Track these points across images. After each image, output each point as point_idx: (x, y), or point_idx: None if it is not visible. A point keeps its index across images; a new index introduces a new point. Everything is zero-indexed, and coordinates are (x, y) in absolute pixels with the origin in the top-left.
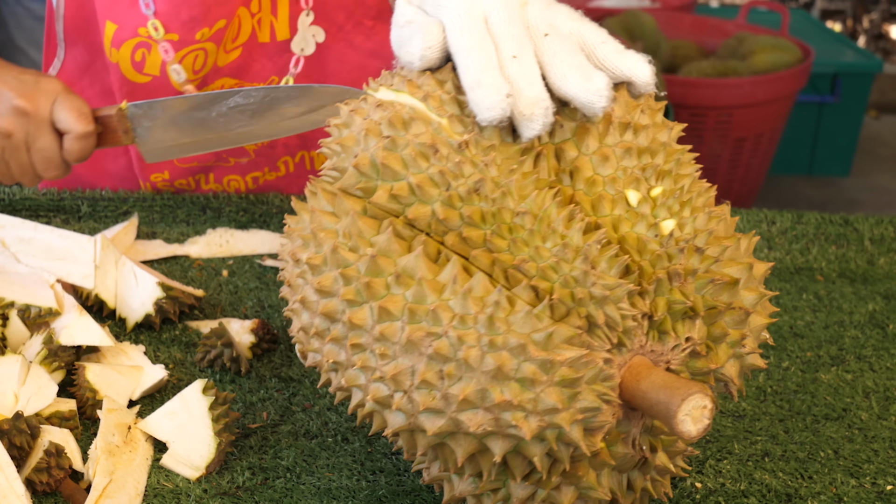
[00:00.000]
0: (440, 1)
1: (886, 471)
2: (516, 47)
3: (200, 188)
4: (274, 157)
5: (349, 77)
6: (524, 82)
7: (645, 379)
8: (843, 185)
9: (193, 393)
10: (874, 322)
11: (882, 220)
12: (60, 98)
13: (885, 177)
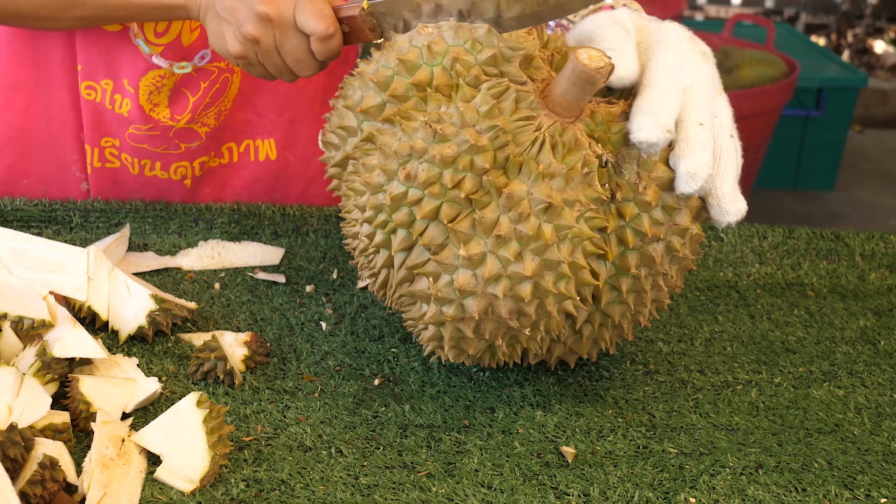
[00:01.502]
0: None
1: (880, 483)
2: (706, 119)
3: (143, 174)
4: (221, 139)
5: None
6: (700, 146)
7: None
8: (828, 199)
9: (187, 406)
10: (865, 338)
11: (873, 236)
12: (301, 1)
13: (869, 191)
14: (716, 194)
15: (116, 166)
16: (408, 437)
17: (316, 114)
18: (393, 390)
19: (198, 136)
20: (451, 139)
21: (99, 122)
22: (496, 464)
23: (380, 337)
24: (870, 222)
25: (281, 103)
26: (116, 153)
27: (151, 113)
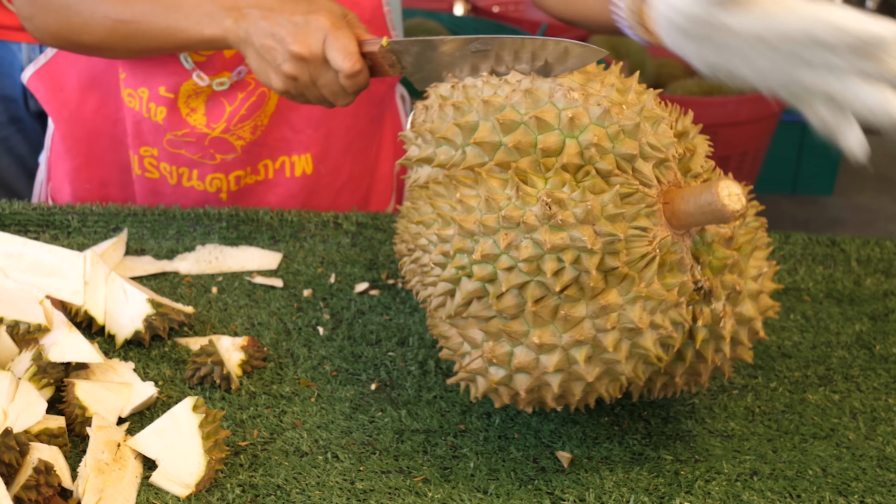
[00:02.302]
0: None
1: (874, 489)
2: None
3: (181, 184)
4: (258, 156)
5: None
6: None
7: (685, 196)
8: (827, 204)
9: (183, 410)
10: (861, 343)
11: (869, 241)
12: (329, 38)
13: (868, 195)
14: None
15: (156, 177)
16: (404, 441)
17: (348, 126)
18: (389, 395)
19: (233, 148)
20: (567, 230)
21: (139, 131)
22: (492, 469)
23: (377, 341)
24: (868, 227)
25: (317, 119)
26: (155, 163)
27: (187, 118)
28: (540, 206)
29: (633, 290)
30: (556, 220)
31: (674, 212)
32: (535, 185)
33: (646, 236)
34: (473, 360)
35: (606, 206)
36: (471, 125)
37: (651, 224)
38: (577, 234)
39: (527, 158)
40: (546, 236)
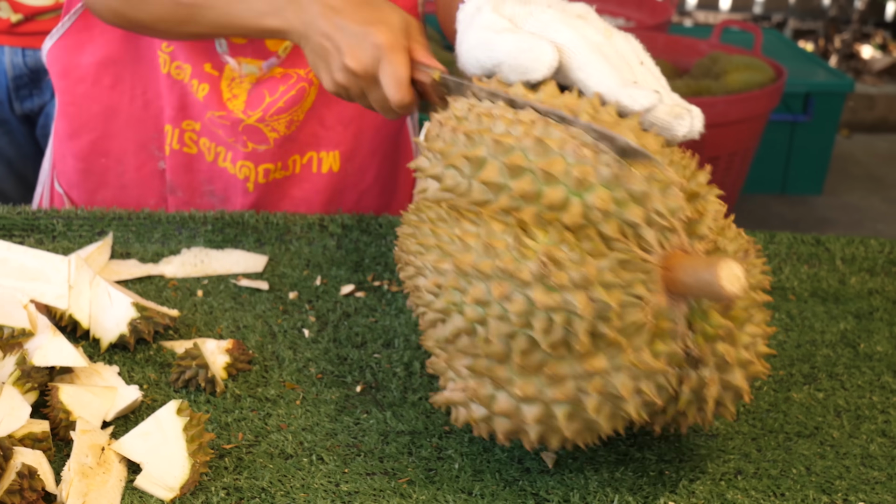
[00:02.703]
0: (549, 25)
1: (858, 487)
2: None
3: (217, 163)
4: (289, 151)
5: None
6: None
7: (686, 266)
8: (816, 204)
9: (167, 414)
10: (846, 341)
11: (853, 241)
12: (383, 62)
13: (857, 195)
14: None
15: (193, 152)
16: (389, 443)
17: (378, 127)
18: (375, 397)
19: (266, 139)
20: (560, 293)
21: (184, 104)
22: (477, 469)
23: (362, 344)
24: (857, 226)
25: (349, 117)
26: (196, 138)
27: (228, 102)
28: (537, 264)
29: (621, 357)
30: (551, 281)
31: (673, 280)
32: (535, 238)
33: (640, 304)
34: (457, 390)
35: (604, 272)
36: (479, 160)
37: (647, 292)
38: (571, 298)
39: (530, 208)
40: (539, 295)
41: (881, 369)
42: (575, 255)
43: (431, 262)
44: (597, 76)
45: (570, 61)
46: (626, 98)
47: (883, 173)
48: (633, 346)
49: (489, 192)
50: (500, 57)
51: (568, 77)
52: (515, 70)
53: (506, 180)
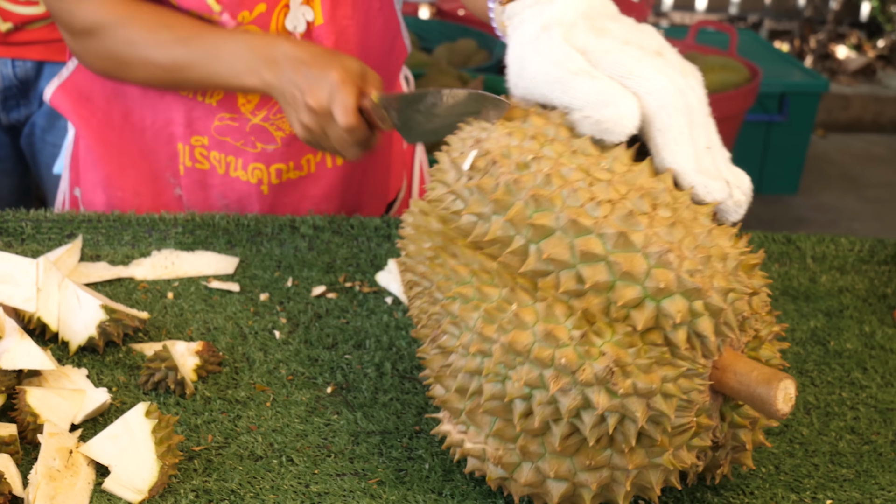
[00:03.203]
0: (630, 68)
1: (826, 485)
2: (705, 137)
3: (228, 174)
4: (300, 150)
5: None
6: (729, 175)
7: (740, 373)
8: (791, 203)
9: (136, 416)
10: (816, 338)
11: (824, 239)
12: (334, 93)
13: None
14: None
15: (206, 167)
16: (359, 444)
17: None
18: (345, 398)
19: (273, 138)
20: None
21: (191, 119)
22: (447, 470)
23: (333, 345)
24: (832, 226)
25: None
26: (206, 152)
27: (241, 108)
28: (603, 369)
29: (662, 455)
30: (615, 387)
31: (722, 382)
32: (602, 335)
33: (690, 408)
34: (476, 443)
35: (667, 383)
36: (545, 230)
37: (698, 396)
38: (630, 405)
39: (597, 300)
40: (599, 398)
41: (851, 366)
42: (642, 363)
43: (472, 323)
44: (674, 149)
45: (653, 118)
46: (701, 188)
47: (858, 173)
48: (674, 444)
49: (551, 266)
50: (575, 105)
51: (643, 131)
52: (592, 126)
53: (575, 262)
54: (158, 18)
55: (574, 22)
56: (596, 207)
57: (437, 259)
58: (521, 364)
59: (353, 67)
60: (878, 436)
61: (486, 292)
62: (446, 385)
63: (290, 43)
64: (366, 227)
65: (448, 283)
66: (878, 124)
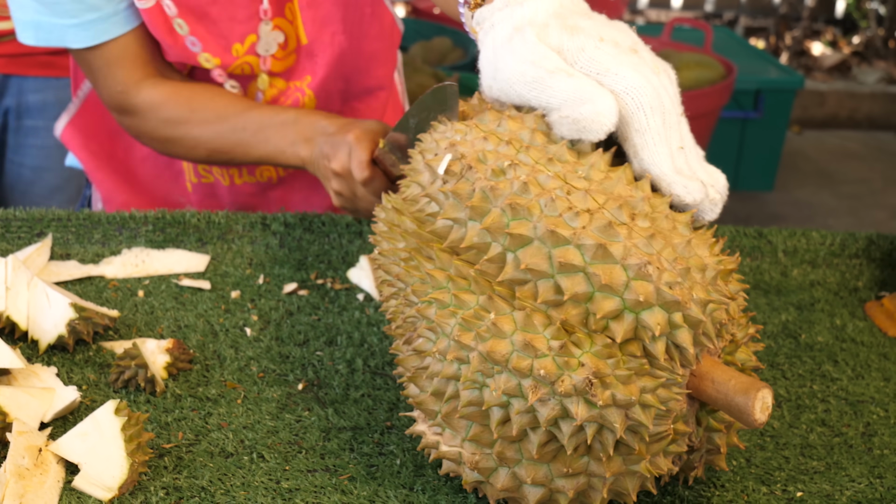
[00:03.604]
0: (606, 66)
1: (797, 477)
2: (678, 137)
3: (234, 183)
4: None
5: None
6: (703, 174)
7: (717, 382)
8: (767, 200)
9: (105, 414)
10: (787, 332)
11: (795, 233)
12: (352, 151)
13: (808, 191)
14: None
15: (211, 181)
16: (330, 440)
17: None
18: (317, 394)
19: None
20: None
21: None
22: (418, 465)
23: (305, 341)
24: (808, 222)
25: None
26: (208, 167)
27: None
28: (582, 381)
29: (639, 464)
30: (594, 398)
31: (699, 389)
32: (581, 346)
33: (668, 416)
34: (452, 446)
35: (646, 394)
36: (523, 239)
37: (676, 404)
38: (609, 416)
39: (576, 310)
40: (578, 409)
41: (822, 359)
42: (621, 374)
43: (449, 330)
44: (652, 150)
45: (631, 118)
46: (681, 188)
47: (833, 169)
48: (651, 452)
49: (529, 275)
50: (553, 103)
51: (619, 130)
52: (570, 125)
53: (553, 272)
54: (203, 96)
55: (546, 22)
56: (574, 218)
57: (411, 261)
58: (498, 373)
59: (371, 127)
60: (849, 428)
61: (463, 299)
62: (421, 386)
63: (326, 119)
64: (337, 223)
65: (424, 286)
66: (853, 120)
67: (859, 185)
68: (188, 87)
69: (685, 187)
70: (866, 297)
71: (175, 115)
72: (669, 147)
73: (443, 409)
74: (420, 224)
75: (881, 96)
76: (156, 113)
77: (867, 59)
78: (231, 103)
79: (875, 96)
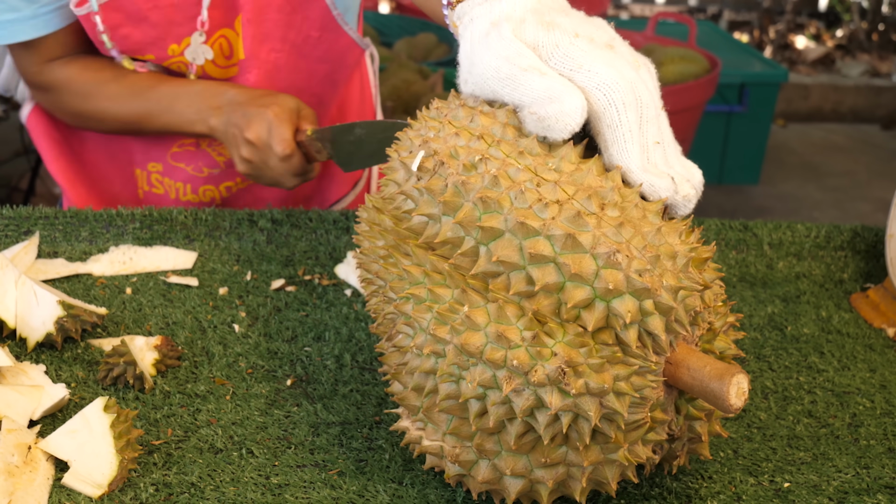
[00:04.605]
0: (580, 62)
1: (784, 468)
2: (656, 132)
3: (179, 198)
4: None
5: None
6: (680, 169)
7: (693, 369)
8: (752, 193)
9: (94, 411)
10: (773, 324)
11: (780, 226)
12: (272, 126)
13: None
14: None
15: (161, 192)
16: (319, 435)
17: (328, 100)
18: (305, 390)
19: (216, 163)
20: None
21: (148, 145)
22: (407, 459)
23: (293, 338)
24: (793, 215)
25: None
26: (160, 178)
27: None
28: (555, 370)
29: (617, 451)
30: (567, 387)
31: (675, 377)
32: (553, 336)
33: (644, 404)
34: (431, 440)
35: (619, 382)
36: (494, 232)
37: (651, 392)
38: (583, 405)
39: (547, 300)
40: (552, 398)
41: (808, 351)
42: (594, 362)
43: (425, 324)
44: (622, 146)
45: (602, 114)
46: (648, 186)
47: (818, 162)
48: (628, 440)
49: (501, 268)
50: (524, 101)
51: (592, 126)
52: (536, 123)
53: (524, 263)
54: (112, 71)
55: (523, 17)
56: (544, 209)
57: (389, 258)
58: (473, 365)
59: (288, 104)
60: (835, 419)
61: (438, 293)
62: (403, 382)
63: (234, 89)
64: (324, 219)
65: (401, 283)
66: (837, 113)
67: (844, 177)
68: (97, 62)
69: (651, 185)
70: (851, 289)
71: (84, 90)
72: (641, 143)
73: (423, 403)
74: (397, 221)
75: (865, 89)
76: (67, 87)
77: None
78: (140, 78)
79: (859, 89)
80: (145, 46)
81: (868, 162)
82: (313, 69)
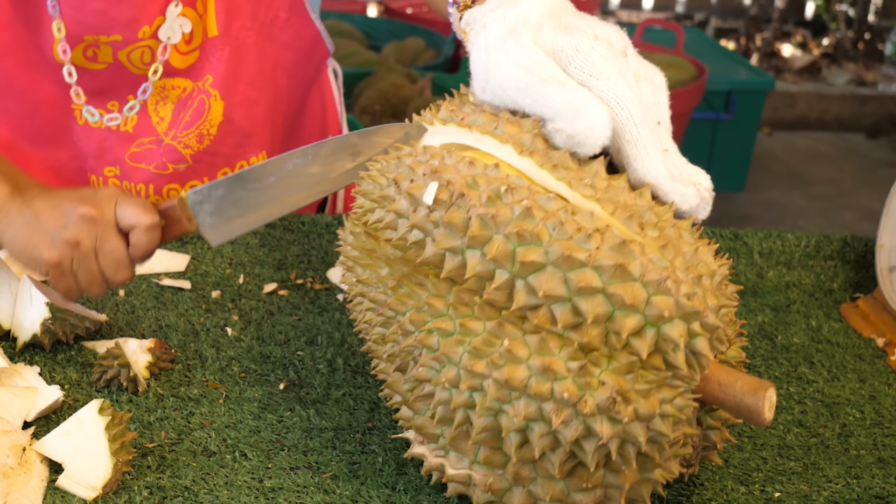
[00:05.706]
0: (598, 70)
1: (774, 478)
2: (666, 140)
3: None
4: (213, 165)
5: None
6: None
7: (724, 384)
8: (738, 201)
9: (89, 413)
10: (763, 333)
11: (770, 235)
12: (121, 199)
13: (779, 191)
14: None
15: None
16: (313, 438)
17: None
18: (298, 394)
19: (182, 157)
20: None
21: (103, 149)
22: (400, 464)
23: (285, 341)
24: (779, 223)
25: (263, 116)
26: (118, 182)
27: (157, 126)
28: (606, 399)
29: (654, 471)
30: (618, 415)
31: (706, 392)
32: (598, 365)
33: (683, 423)
34: (457, 469)
35: (666, 406)
36: (534, 265)
37: (690, 411)
38: (632, 430)
39: (597, 331)
40: (602, 427)
41: (798, 360)
42: (641, 388)
43: (457, 358)
44: (647, 160)
45: (622, 129)
46: (678, 196)
47: (803, 170)
48: (663, 458)
49: (542, 300)
50: (546, 114)
51: (613, 141)
52: (564, 139)
53: (570, 295)
54: None
55: (540, 22)
56: (587, 240)
57: (401, 288)
58: (517, 399)
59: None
60: (826, 429)
61: (469, 326)
62: (417, 410)
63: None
64: (317, 224)
65: (421, 315)
66: (823, 122)
67: (829, 186)
68: None
69: (681, 195)
70: (841, 299)
71: None
72: (661, 154)
73: (446, 433)
74: (405, 251)
75: (850, 98)
76: None
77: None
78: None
79: (844, 98)
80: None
81: (853, 171)
82: (279, 55)
